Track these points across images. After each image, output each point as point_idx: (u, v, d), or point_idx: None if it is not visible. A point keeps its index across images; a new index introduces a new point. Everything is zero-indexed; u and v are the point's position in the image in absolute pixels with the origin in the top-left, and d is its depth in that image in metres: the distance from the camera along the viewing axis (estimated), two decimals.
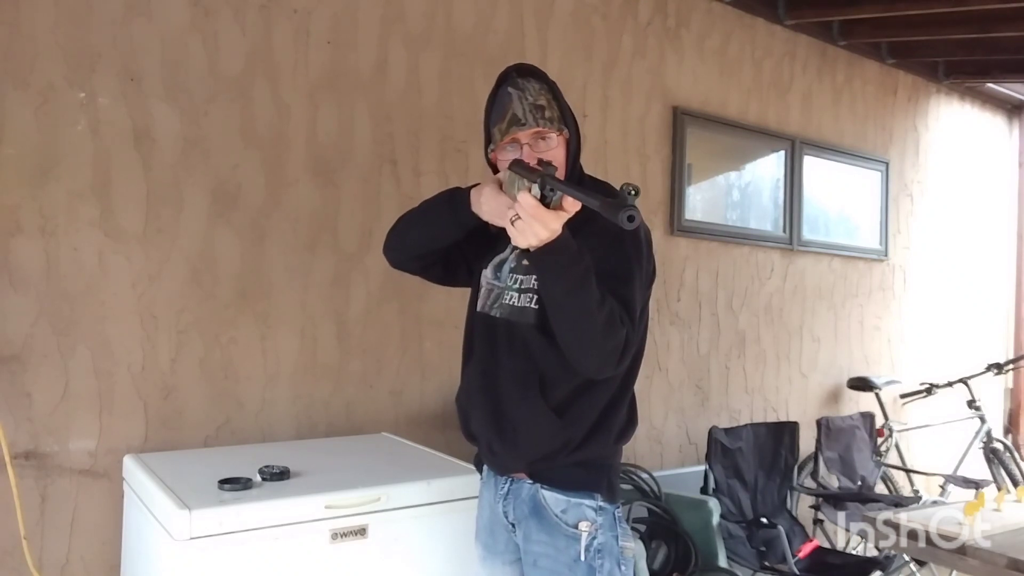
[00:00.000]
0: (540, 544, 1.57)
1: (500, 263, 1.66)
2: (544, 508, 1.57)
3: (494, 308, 1.64)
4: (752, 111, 3.93)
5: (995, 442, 4.68)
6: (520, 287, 1.59)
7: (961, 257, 5.21)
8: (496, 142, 1.58)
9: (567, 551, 1.55)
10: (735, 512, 3.26)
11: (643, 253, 1.57)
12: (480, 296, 1.69)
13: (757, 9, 3.92)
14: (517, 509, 1.62)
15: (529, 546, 1.59)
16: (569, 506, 1.56)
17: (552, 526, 1.56)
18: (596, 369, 1.46)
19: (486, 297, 1.67)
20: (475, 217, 1.57)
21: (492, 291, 1.66)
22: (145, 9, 2.29)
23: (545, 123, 1.54)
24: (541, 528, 1.57)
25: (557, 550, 1.55)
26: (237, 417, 2.45)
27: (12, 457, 2.04)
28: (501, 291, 1.63)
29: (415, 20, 2.81)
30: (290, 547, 1.77)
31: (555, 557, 1.55)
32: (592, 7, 3.32)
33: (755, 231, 4.00)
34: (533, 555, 1.58)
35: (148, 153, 2.29)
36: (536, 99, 1.54)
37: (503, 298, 1.62)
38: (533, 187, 1.35)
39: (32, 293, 2.13)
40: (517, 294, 1.59)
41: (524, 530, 1.60)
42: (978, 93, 5.31)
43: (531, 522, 1.59)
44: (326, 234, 2.62)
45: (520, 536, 1.62)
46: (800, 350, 4.21)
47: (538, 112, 1.54)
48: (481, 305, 1.67)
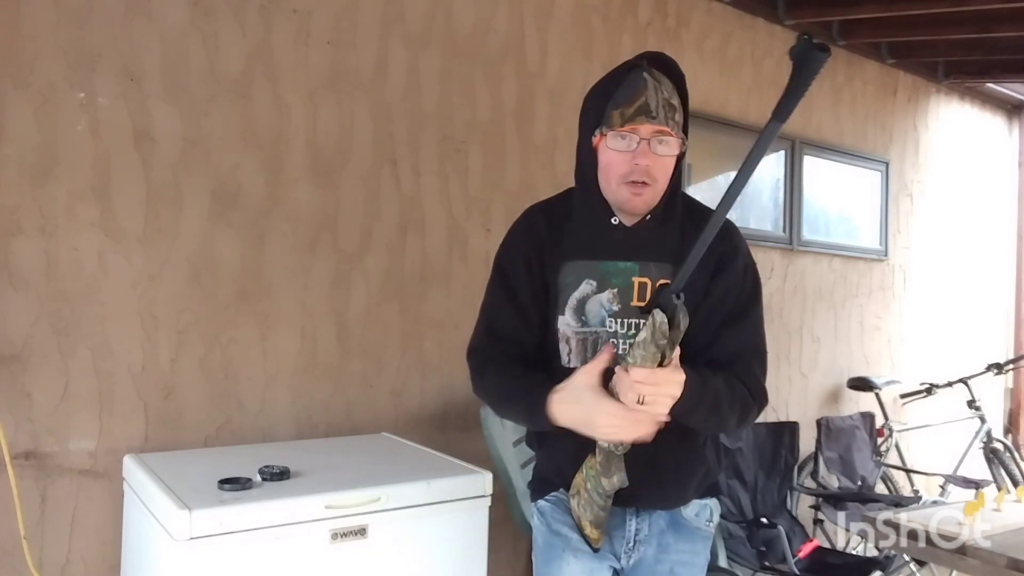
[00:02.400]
0: (678, 552, 1.55)
1: (581, 302, 1.48)
2: (681, 518, 1.56)
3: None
4: (752, 111, 3.93)
5: (995, 442, 4.68)
6: (634, 334, 1.39)
7: (961, 257, 5.21)
8: (613, 125, 1.41)
9: (704, 552, 1.58)
10: (735, 512, 3.26)
11: (760, 283, 1.54)
12: (573, 351, 1.48)
13: (757, 9, 3.92)
14: (652, 526, 1.55)
15: (665, 556, 1.54)
16: (700, 508, 1.58)
17: (691, 532, 1.56)
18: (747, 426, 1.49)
19: (582, 349, 1.47)
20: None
21: (587, 340, 1.47)
22: (145, 9, 2.29)
23: (674, 125, 1.43)
24: (680, 536, 1.55)
25: (695, 554, 1.56)
26: (237, 417, 2.45)
27: (12, 457, 2.04)
28: (600, 337, 1.46)
29: (415, 20, 2.81)
30: (290, 547, 1.77)
31: (692, 562, 1.56)
32: (592, 7, 3.32)
33: (755, 231, 4.00)
34: (669, 563, 1.54)
35: (148, 153, 2.29)
36: (670, 97, 1.43)
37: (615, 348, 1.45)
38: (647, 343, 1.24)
39: (32, 293, 2.13)
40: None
41: (659, 541, 1.55)
42: (978, 93, 5.31)
43: (668, 533, 1.55)
44: (326, 234, 2.62)
45: (650, 549, 1.54)
46: (800, 350, 4.21)
47: (670, 111, 1.42)
48: (581, 360, 1.46)
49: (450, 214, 2.87)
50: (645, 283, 1.45)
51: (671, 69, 1.46)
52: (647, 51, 1.49)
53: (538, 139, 3.13)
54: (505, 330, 1.51)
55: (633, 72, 1.43)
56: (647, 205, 1.45)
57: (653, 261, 1.46)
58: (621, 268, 1.47)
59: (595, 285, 1.47)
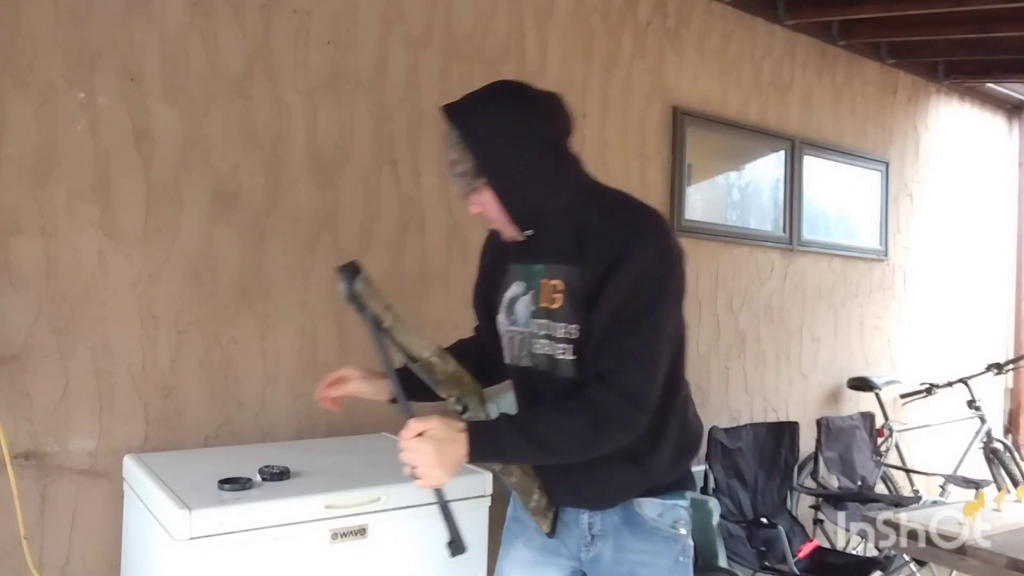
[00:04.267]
0: (637, 552, 1.52)
1: (512, 301, 1.54)
2: (638, 515, 1.53)
3: (523, 358, 1.53)
4: (752, 111, 3.93)
5: (995, 442, 4.69)
6: (550, 335, 1.46)
7: (961, 257, 5.21)
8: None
9: (667, 554, 1.52)
10: (735, 512, 3.27)
11: (672, 284, 1.42)
12: (504, 347, 1.57)
13: (757, 9, 3.92)
14: (605, 521, 1.54)
15: (622, 555, 1.52)
16: (665, 508, 1.53)
17: (649, 531, 1.52)
18: (622, 444, 1.41)
19: (510, 346, 1.55)
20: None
21: (515, 339, 1.54)
22: (145, 9, 2.29)
23: (458, 179, 1.43)
24: (637, 536, 1.52)
25: (656, 555, 1.52)
26: (237, 417, 2.44)
27: (12, 457, 2.04)
28: (525, 337, 1.51)
29: (415, 20, 2.81)
30: (290, 547, 1.77)
31: (654, 563, 1.52)
32: (592, 7, 3.32)
33: (755, 231, 4.00)
34: (628, 564, 1.52)
35: (148, 153, 2.29)
36: (449, 153, 1.42)
37: (532, 347, 1.50)
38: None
39: (32, 293, 2.13)
40: (547, 342, 1.47)
41: (615, 540, 1.53)
42: (978, 93, 5.31)
43: (623, 531, 1.53)
44: (326, 234, 2.61)
45: (607, 547, 1.54)
46: (800, 350, 4.21)
47: (451, 169, 1.43)
48: (509, 356, 1.56)
49: (450, 214, 2.87)
50: (553, 284, 1.46)
51: (451, 113, 1.43)
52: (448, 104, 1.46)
53: None
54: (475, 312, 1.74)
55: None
56: (509, 235, 1.51)
57: (552, 263, 1.48)
58: (536, 271, 1.50)
59: (524, 287, 1.52)
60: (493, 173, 1.41)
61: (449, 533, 1.31)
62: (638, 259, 1.38)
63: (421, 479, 1.30)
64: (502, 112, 1.42)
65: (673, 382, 1.49)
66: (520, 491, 1.54)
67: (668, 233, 1.45)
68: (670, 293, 1.41)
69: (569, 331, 1.43)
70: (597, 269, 1.39)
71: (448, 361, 1.43)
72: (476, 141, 1.40)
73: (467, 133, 1.40)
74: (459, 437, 1.31)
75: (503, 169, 1.41)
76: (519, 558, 1.66)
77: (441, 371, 1.42)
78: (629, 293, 1.37)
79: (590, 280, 1.40)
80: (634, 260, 1.37)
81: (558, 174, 1.46)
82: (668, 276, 1.41)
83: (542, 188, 1.44)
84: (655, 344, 1.39)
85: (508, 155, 1.40)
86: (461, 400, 1.45)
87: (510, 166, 1.41)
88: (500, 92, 1.47)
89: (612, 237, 1.40)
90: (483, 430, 1.35)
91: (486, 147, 1.40)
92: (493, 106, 1.43)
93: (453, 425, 1.32)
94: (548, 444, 1.37)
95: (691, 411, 1.60)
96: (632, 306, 1.37)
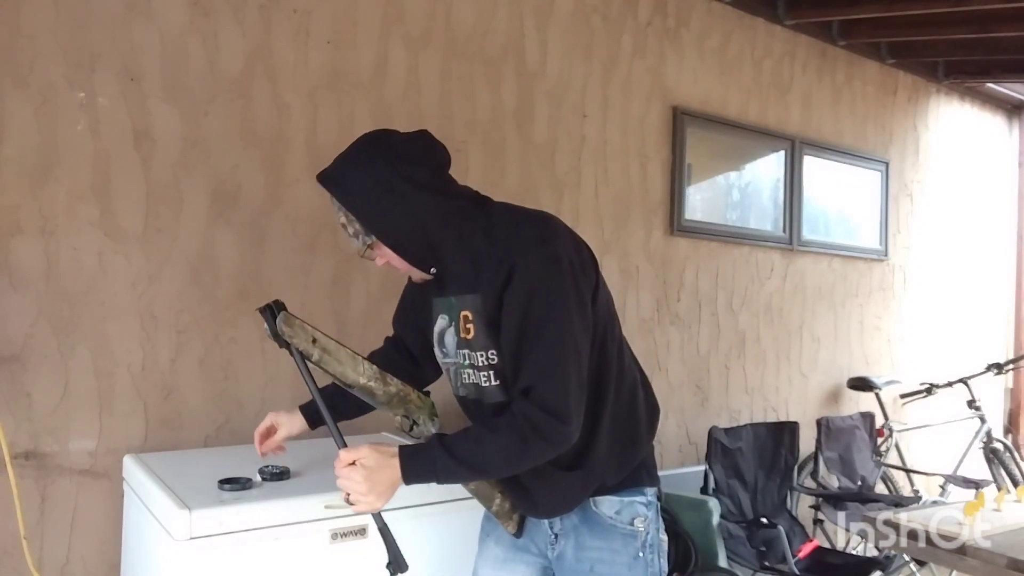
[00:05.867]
0: (595, 550, 1.55)
1: (440, 335, 1.58)
2: (595, 514, 1.55)
3: (460, 388, 1.58)
4: (752, 111, 3.93)
5: (995, 442, 4.69)
6: (473, 364, 1.51)
7: (961, 257, 5.21)
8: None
9: (625, 551, 1.54)
10: (735, 512, 3.26)
11: (567, 288, 1.40)
12: (447, 378, 1.63)
13: (757, 9, 3.92)
14: (564, 520, 1.58)
15: (583, 553, 1.56)
16: (622, 506, 1.55)
17: (607, 529, 1.55)
18: (555, 455, 1.42)
19: (448, 378, 1.62)
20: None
21: (449, 370, 1.59)
22: (145, 9, 2.29)
23: (355, 243, 1.49)
24: (595, 534, 1.55)
25: (614, 552, 1.54)
26: (237, 417, 2.44)
27: (12, 457, 2.04)
28: (457, 367, 1.56)
29: (415, 20, 2.81)
30: (290, 547, 1.77)
31: (612, 560, 1.54)
32: (592, 7, 3.32)
33: (755, 231, 4.00)
34: (589, 562, 1.55)
35: (148, 153, 2.29)
36: (339, 219, 1.49)
37: (463, 377, 1.55)
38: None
39: (32, 293, 2.13)
40: (472, 371, 1.52)
41: (575, 538, 1.57)
42: (978, 93, 5.31)
43: (582, 529, 1.56)
44: (326, 234, 2.61)
45: (569, 545, 1.57)
46: (800, 350, 4.21)
47: (344, 232, 1.50)
48: (453, 387, 1.62)
49: None
50: (464, 314, 1.49)
51: (327, 181, 1.47)
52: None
53: (538, 139, 3.13)
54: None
55: None
56: (419, 278, 1.56)
57: (460, 294, 1.51)
58: (452, 303, 1.53)
59: (447, 319, 1.55)
60: (379, 229, 1.45)
61: (389, 553, 1.38)
62: (524, 273, 1.39)
63: (356, 505, 1.37)
64: (372, 167, 1.44)
65: (603, 379, 1.50)
66: (480, 497, 1.57)
67: (553, 239, 1.44)
68: (567, 298, 1.40)
69: (488, 357, 1.46)
70: (493, 291, 1.42)
71: (389, 382, 1.45)
72: (354, 203, 1.44)
73: (344, 197, 1.45)
74: (390, 463, 1.36)
75: (387, 223, 1.44)
76: (491, 556, 1.70)
77: (383, 393, 1.44)
78: (525, 308, 1.38)
79: (490, 304, 1.43)
80: (521, 275, 1.39)
81: (439, 211, 1.46)
82: (560, 282, 1.40)
83: (430, 229, 1.45)
84: (561, 353, 1.38)
85: (387, 208, 1.43)
86: (409, 417, 1.48)
87: (392, 218, 1.44)
88: (364, 148, 1.49)
89: (498, 258, 1.42)
90: (413, 454, 1.39)
91: (365, 206, 1.43)
92: (360, 165, 1.45)
93: (384, 451, 1.37)
94: (477, 462, 1.39)
95: (641, 398, 1.59)
96: (531, 320, 1.38)
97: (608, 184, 3.34)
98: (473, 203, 1.51)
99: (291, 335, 1.36)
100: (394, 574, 1.39)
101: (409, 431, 1.49)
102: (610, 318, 1.54)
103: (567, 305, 1.40)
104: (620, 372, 1.55)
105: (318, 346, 1.38)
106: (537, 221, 1.48)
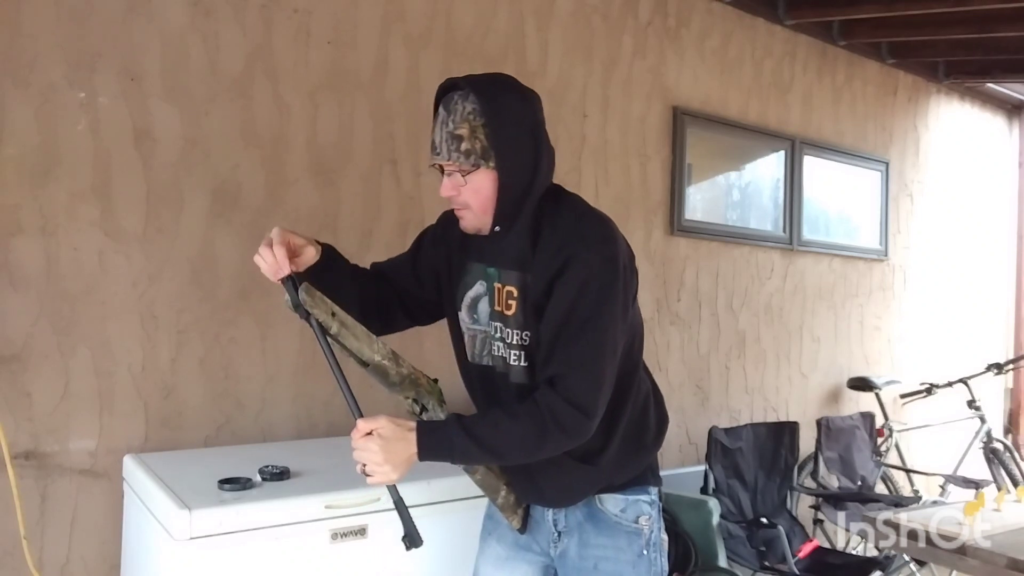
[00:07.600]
0: (600, 547, 1.55)
1: (474, 301, 1.55)
2: (600, 511, 1.56)
3: (484, 357, 1.55)
4: (752, 111, 3.93)
5: (995, 442, 4.69)
6: (504, 339, 1.49)
7: (961, 257, 5.21)
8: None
9: (629, 549, 1.55)
10: (735, 512, 3.26)
11: (618, 289, 1.42)
12: (466, 344, 1.59)
13: (757, 9, 3.92)
14: (569, 517, 1.58)
15: (587, 551, 1.56)
16: (628, 504, 1.56)
17: (612, 526, 1.55)
18: (570, 448, 1.42)
19: (472, 345, 1.57)
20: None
21: (477, 337, 1.56)
22: (145, 9, 2.29)
23: (458, 156, 1.39)
24: (599, 531, 1.56)
25: (619, 550, 1.55)
26: (237, 417, 2.44)
27: (12, 457, 2.03)
28: (487, 337, 1.53)
29: (415, 20, 2.80)
30: (290, 547, 1.77)
31: (616, 558, 1.55)
32: (592, 7, 3.32)
33: (755, 231, 4.00)
34: (593, 559, 1.55)
35: (148, 153, 2.29)
36: (457, 127, 1.38)
37: (492, 348, 1.53)
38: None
39: (32, 293, 2.13)
40: (503, 345, 1.50)
41: (580, 535, 1.57)
42: (978, 93, 5.31)
43: (587, 527, 1.56)
44: (326, 234, 2.61)
45: (573, 543, 1.58)
46: (800, 350, 4.21)
47: (453, 143, 1.39)
48: (471, 354, 1.58)
49: None
50: (508, 290, 1.48)
51: (474, 87, 1.41)
52: (451, 78, 1.45)
53: None
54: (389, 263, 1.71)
55: (438, 105, 1.45)
56: (473, 227, 1.49)
57: (505, 268, 1.49)
58: (491, 274, 1.52)
59: (485, 287, 1.53)
60: (505, 157, 1.39)
61: (404, 527, 1.37)
62: (582, 266, 1.39)
63: (371, 476, 1.36)
64: (526, 102, 1.44)
65: (625, 383, 1.51)
66: (485, 488, 1.57)
67: (614, 240, 1.46)
68: (615, 299, 1.42)
69: (523, 337, 1.46)
70: (545, 276, 1.42)
71: (402, 363, 1.45)
72: (497, 121, 1.38)
73: (489, 111, 1.38)
74: (407, 436, 1.35)
75: (516, 157, 1.41)
76: (492, 554, 1.70)
77: (395, 374, 1.44)
78: (574, 300, 1.39)
79: (539, 287, 1.42)
80: (578, 267, 1.39)
81: (548, 176, 1.48)
82: (613, 282, 1.41)
83: (535, 187, 1.44)
84: (600, 350, 1.40)
85: (524, 143, 1.41)
86: (419, 401, 1.48)
87: (523, 154, 1.41)
88: (509, 78, 1.50)
89: (559, 244, 1.42)
90: (431, 429, 1.39)
91: (505, 129, 1.39)
92: (511, 89, 1.45)
93: (402, 424, 1.36)
94: (494, 445, 1.39)
95: (652, 406, 1.61)
96: (578, 313, 1.38)
97: (608, 184, 3.34)
98: (554, 184, 1.53)
99: (312, 305, 1.35)
100: (409, 548, 1.38)
101: (419, 415, 1.48)
102: (640, 326, 1.56)
103: (614, 306, 1.41)
104: (639, 380, 1.58)
105: (337, 319, 1.37)
106: (600, 219, 1.49)
